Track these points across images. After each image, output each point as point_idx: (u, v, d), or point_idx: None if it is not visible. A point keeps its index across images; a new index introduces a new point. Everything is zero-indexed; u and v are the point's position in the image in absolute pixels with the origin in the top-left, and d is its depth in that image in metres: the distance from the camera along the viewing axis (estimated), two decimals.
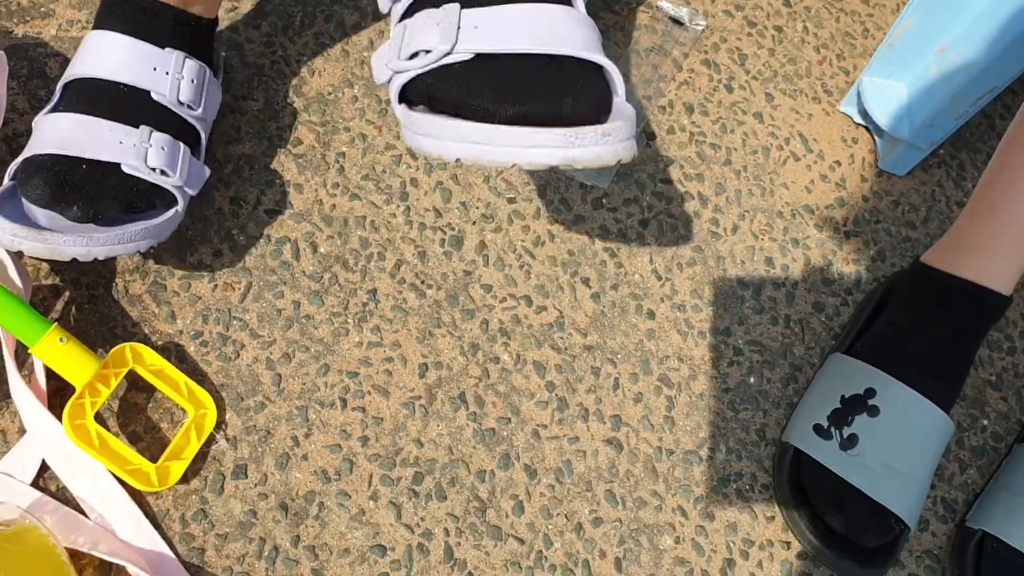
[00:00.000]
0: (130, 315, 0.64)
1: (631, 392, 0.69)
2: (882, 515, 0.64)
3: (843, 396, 0.67)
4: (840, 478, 0.65)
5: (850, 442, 0.65)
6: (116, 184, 0.58)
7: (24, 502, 0.57)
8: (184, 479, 0.60)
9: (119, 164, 0.58)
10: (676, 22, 0.84)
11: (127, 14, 0.61)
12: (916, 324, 0.68)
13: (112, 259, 0.65)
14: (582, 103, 0.52)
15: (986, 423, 0.73)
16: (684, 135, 0.79)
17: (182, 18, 0.62)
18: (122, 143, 0.59)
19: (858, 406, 0.67)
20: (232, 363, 0.64)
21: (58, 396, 0.60)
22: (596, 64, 0.54)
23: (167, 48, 0.62)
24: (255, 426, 0.63)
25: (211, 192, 0.69)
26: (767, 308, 0.74)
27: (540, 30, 0.53)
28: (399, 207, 0.71)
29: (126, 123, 0.60)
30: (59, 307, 0.63)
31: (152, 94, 0.61)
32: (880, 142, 0.83)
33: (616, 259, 0.73)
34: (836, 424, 0.66)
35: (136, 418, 0.61)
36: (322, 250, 0.69)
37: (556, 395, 0.68)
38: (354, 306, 0.68)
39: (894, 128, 0.79)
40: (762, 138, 0.81)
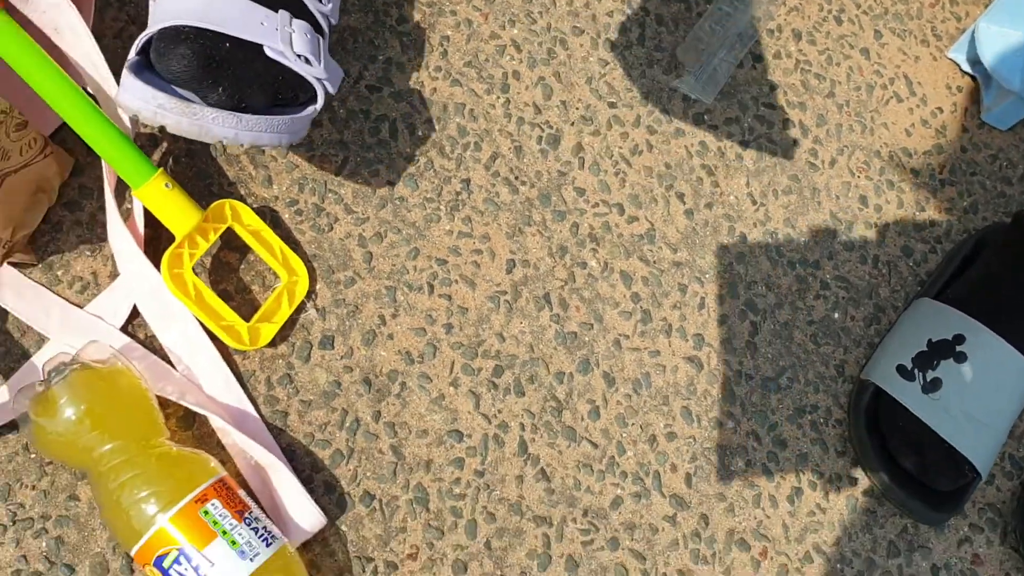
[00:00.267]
0: (227, 174, 0.63)
1: (716, 313, 0.68)
2: (956, 461, 0.64)
3: (930, 340, 0.66)
4: (918, 420, 0.64)
5: (933, 386, 0.65)
6: (261, 69, 0.53)
7: (114, 345, 0.56)
8: (272, 343, 0.60)
9: (262, 46, 0.53)
10: None
11: None
12: (1013, 275, 0.67)
13: None
14: None
15: None
16: (790, 61, 0.77)
17: None
18: (263, 24, 0.53)
19: (945, 351, 0.66)
20: (325, 235, 0.63)
21: (150, 246, 0.59)
22: None
23: None
24: (344, 300, 0.62)
25: None
26: (857, 246, 0.73)
27: None
28: (499, 98, 0.70)
29: (264, 4, 0.54)
30: (156, 157, 0.62)
31: None
32: (987, 93, 0.81)
33: (713, 178, 0.71)
34: (921, 367, 0.66)
35: (228, 277, 0.61)
36: (419, 133, 0.67)
37: (640, 307, 0.67)
38: (447, 194, 0.67)
39: (1005, 78, 0.76)
40: (867, 75, 0.79)
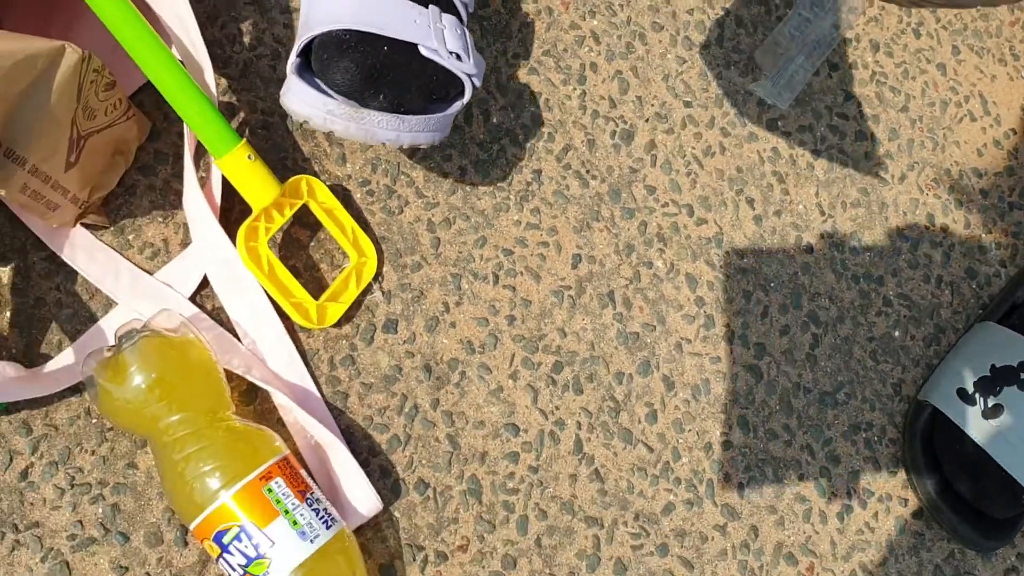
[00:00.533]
0: (302, 149, 0.62)
1: (779, 323, 0.67)
2: (1013, 489, 0.63)
3: (994, 365, 0.66)
4: (976, 445, 0.64)
5: (994, 412, 0.64)
6: (417, 70, 0.54)
7: (183, 314, 0.56)
8: (337, 323, 0.59)
9: (417, 46, 0.54)
10: None
11: None
12: None
13: None
14: None
15: None
16: (866, 72, 0.76)
17: None
18: (416, 22, 0.54)
19: (1010, 377, 0.65)
20: (395, 218, 0.63)
21: (221, 217, 0.59)
22: None
23: None
24: (410, 284, 0.62)
25: None
26: (921, 264, 0.72)
27: None
28: (575, 90, 0.69)
29: (414, 1, 0.55)
30: (233, 127, 0.61)
31: None
32: None
33: (783, 185, 0.70)
34: (983, 392, 0.65)
35: (297, 254, 0.60)
36: (494, 119, 0.67)
37: (704, 311, 0.66)
38: (518, 183, 0.66)
39: None
40: (942, 91, 0.78)
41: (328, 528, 0.51)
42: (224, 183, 0.57)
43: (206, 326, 0.56)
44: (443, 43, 0.55)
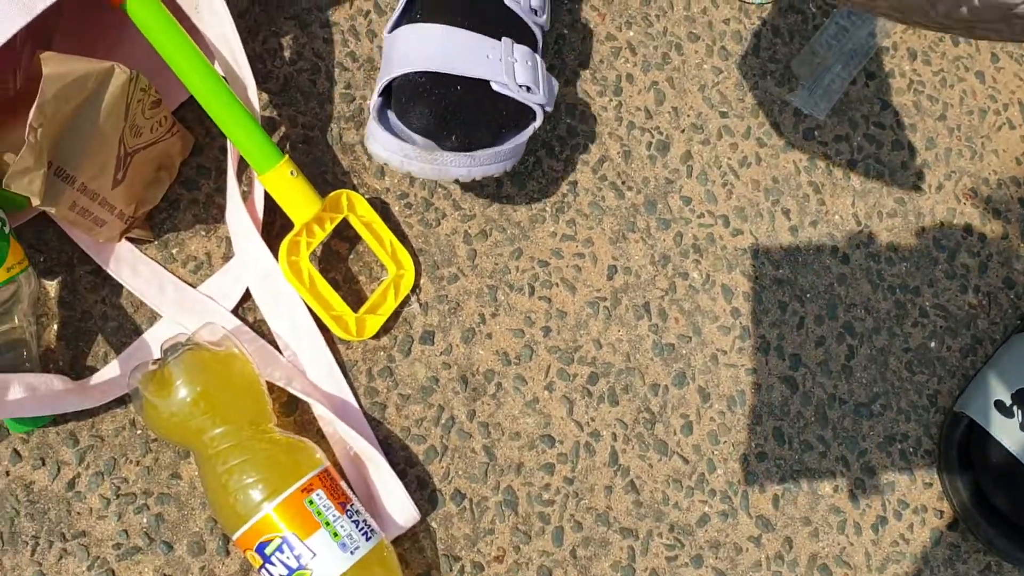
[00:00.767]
0: (341, 163, 0.63)
1: (814, 334, 0.67)
2: None
3: None
4: (1012, 457, 0.63)
5: None
6: (488, 107, 0.56)
7: (225, 327, 0.56)
8: (375, 335, 0.60)
9: (488, 82, 0.56)
10: None
11: None
12: None
13: (329, 104, 0.64)
14: None
15: None
16: (903, 81, 0.76)
17: None
18: (488, 57, 0.56)
19: None
20: (432, 230, 0.63)
21: (264, 230, 0.60)
22: None
23: None
24: (447, 296, 0.62)
25: None
26: (959, 275, 0.72)
27: None
28: (611, 101, 0.69)
29: (488, 34, 0.57)
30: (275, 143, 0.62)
31: (505, 1, 0.58)
32: None
33: (819, 195, 0.70)
34: (1020, 403, 0.65)
35: (337, 266, 0.61)
36: None
37: (740, 323, 0.66)
38: (553, 195, 0.66)
39: None
40: (980, 99, 0.77)
41: (368, 540, 0.52)
42: (266, 197, 0.58)
43: (248, 338, 0.57)
44: (513, 78, 0.57)
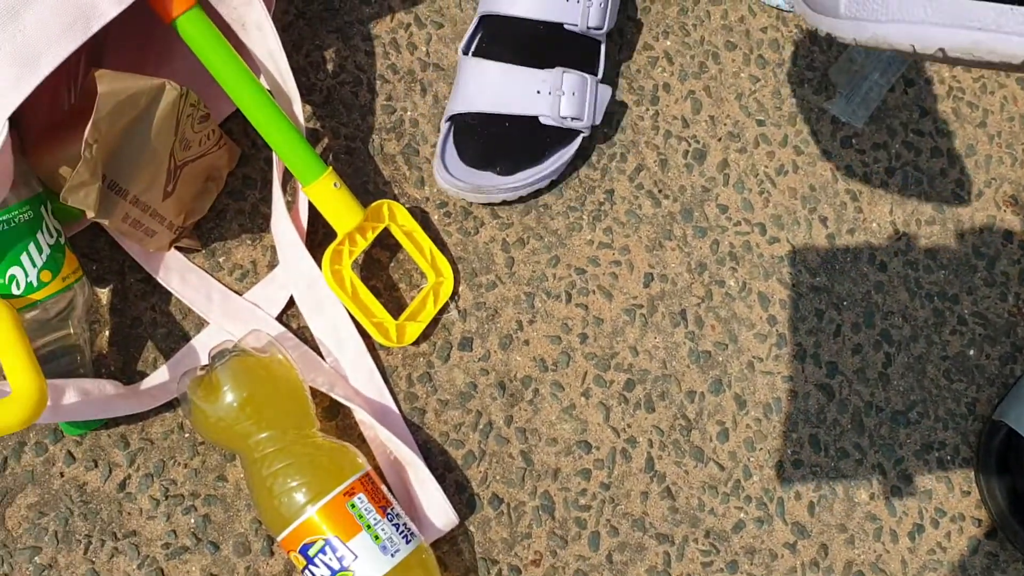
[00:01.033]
0: (383, 173, 0.64)
1: (851, 342, 0.67)
2: None
3: None
4: None
5: None
6: (533, 139, 0.63)
7: (270, 333, 0.58)
8: (415, 341, 0.61)
9: (537, 117, 0.62)
10: None
11: None
12: None
13: (371, 116, 0.65)
14: None
15: None
16: (943, 88, 0.76)
17: None
18: (539, 92, 0.62)
19: None
20: (471, 238, 0.64)
21: (308, 238, 0.61)
22: None
23: None
24: (484, 303, 0.63)
25: None
26: (999, 283, 0.71)
27: None
28: (648, 110, 0.70)
29: (541, 66, 0.62)
30: (318, 153, 0.64)
31: (565, 26, 0.62)
32: None
33: (857, 203, 0.70)
34: None
35: (378, 274, 0.62)
36: None
37: (776, 330, 0.67)
38: (590, 203, 0.67)
39: None
40: (1021, 105, 0.77)
41: (408, 543, 0.53)
42: (310, 207, 0.60)
43: (291, 345, 0.59)
44: (558, 111, 0.62)
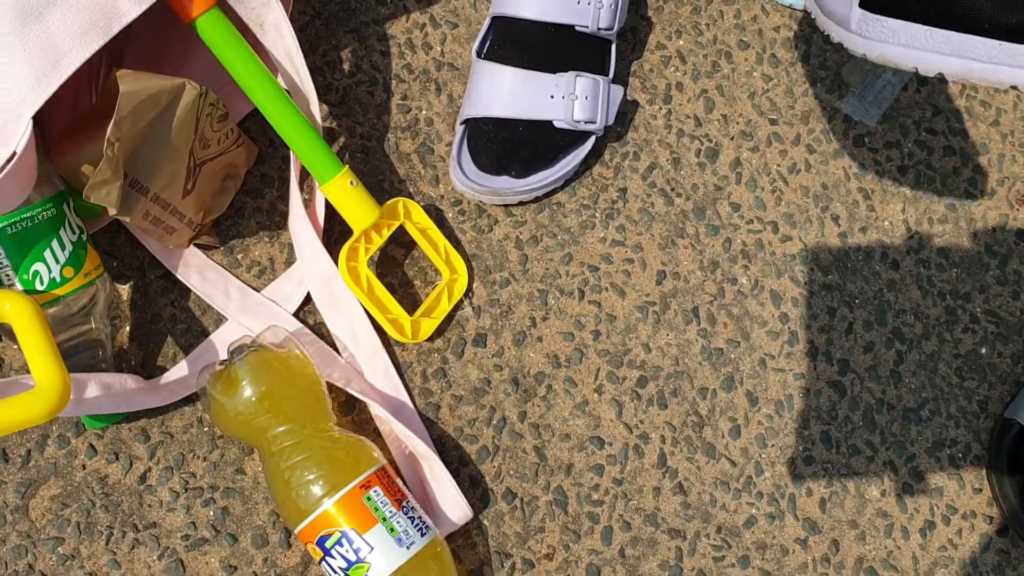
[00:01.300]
0: (398, 171, 0.65)
1: (863, 339, 0.68)
2: None
3: None
4: None
5: None
6: (547, 143, 0.63)
7: (288, 329, 0.59)
8: (430, 338, 0.62)
9: (551, 121, 0.62)
10: None
11: None
12: None
13: (386, 115, 0.66)
14: None
15: None
16: (956, 87, 0.76)
17: None
18: (552, 97, 0.62)
19: None
20: (485, 236, 0.65)
21: (324, 236, 0.62)
22: None
23: None
24: (498, 300, 0.64)
25: None
26: (1011, 281, 0.71)
27: None
28: (661, 109, 0.70)
29: (554, 71, 0.62)
30: (335, 151, 0.65)
31: (576, 27, 0.62)
32: None
33: (869, 202, 0.71)
34: None
35: (393, 271, 0.63)
36: None
37: (788, 328, 0.67)
38: (603, 201, 0.68)
39: None
40: None
41: (423, 535, 0.54)
42: (326, 205, 0.61)
43: (308, 340, 0.60)
44: (572, 115, 0.62)
